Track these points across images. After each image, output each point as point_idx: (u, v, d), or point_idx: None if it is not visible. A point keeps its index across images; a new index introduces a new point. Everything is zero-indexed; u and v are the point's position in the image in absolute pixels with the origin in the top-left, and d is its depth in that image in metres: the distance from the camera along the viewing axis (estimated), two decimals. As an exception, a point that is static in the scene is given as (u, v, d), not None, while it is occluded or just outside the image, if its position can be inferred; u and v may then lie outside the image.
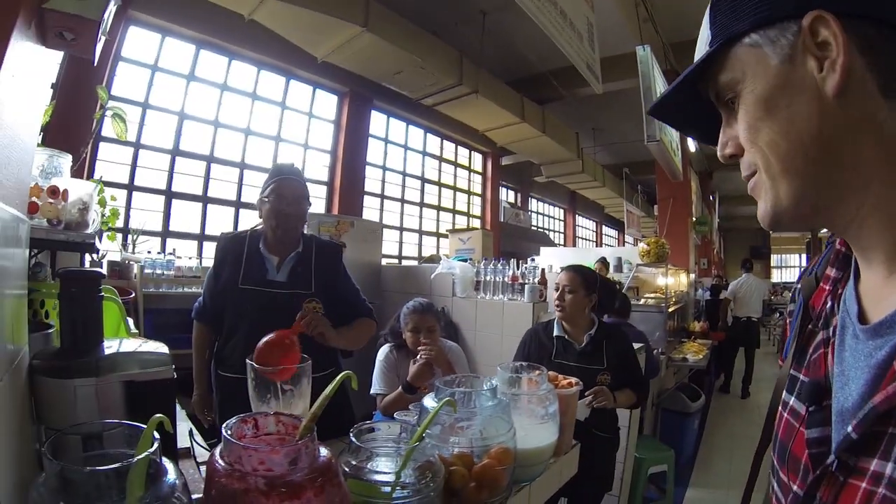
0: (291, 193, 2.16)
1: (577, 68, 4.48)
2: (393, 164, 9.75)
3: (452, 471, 1.18)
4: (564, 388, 1.98)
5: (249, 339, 1.89)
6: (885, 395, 0.46)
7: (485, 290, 3.33)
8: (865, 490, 0.47)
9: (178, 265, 4.03)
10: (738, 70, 0.58)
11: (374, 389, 2.67)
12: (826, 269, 0.68)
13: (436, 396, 1.42)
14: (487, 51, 7.34)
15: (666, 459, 3.53)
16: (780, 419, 0.67)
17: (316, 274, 2.21)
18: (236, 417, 0.77)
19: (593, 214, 19.64)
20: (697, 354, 5.25)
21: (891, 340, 0.49)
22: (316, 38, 6.08)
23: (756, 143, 0.57)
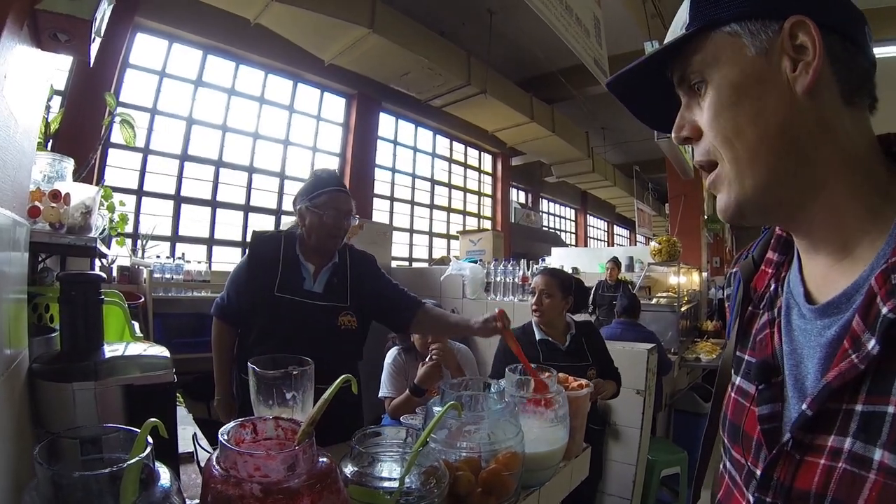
0: (345, 207, 2.12)
1: (585, 64, 4.46)
2: (402, 165, 9.77)
3: (458, 476, 1.16)
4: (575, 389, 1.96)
5: (281, 348, 1.88)
6: (838, 371, 0.50)
7: (495, 292, 3.33)
8: (825, 466, 0.50)
9: (187, 269, 4.06)
10: (711, 54, 0.60)
11: (383, 392, 2.67)
12: (766, 252, 0.73)
13: (442, 400, 1.40)
14: (495, 50, 7.34)
15: (679, 461, 3.49)
16: (728, 399, 0.70)
17: (351, 287, 2.16)
18: (235, 422, 0.76)
19: (604, 214, 19.58)
20: (710, 354, 5.20)
21: (839, 320, 0.54)
22: (322, 41, 6.11)
23: (721, 129, 0.59)
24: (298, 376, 1.17)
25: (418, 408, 2.11)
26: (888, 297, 0.47)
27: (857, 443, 0.48)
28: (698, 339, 6.21)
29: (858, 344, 0.49)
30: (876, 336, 0.47)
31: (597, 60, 4.60)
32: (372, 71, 6.95)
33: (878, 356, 0.47)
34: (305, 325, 2.00)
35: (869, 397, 0.48)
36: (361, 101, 8.34)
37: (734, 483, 0.66)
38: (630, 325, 4.09)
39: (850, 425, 0.49)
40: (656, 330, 4.49)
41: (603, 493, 2.73)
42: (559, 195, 16.00)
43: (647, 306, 5.36)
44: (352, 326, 2.09)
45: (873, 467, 0.46)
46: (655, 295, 6.54)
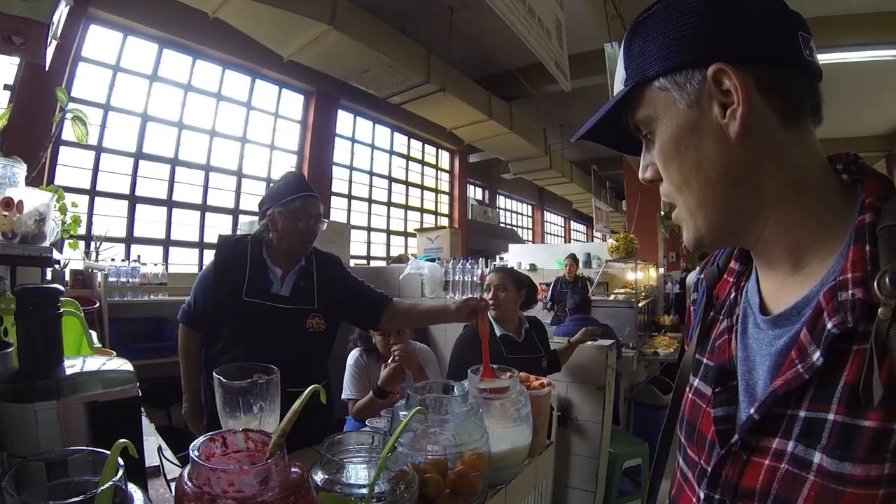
0: (315, 213, 2.12)
1: (546, 66, 4.49)
2: (360, 163, 9.71)
3: (427, 478, 1.17)
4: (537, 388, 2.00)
5: (249, 354, 1.88)
6: (784, 379, 0.53)
7: (453, 290, 3.33)
8: (769, 466, 0.54)
9: (143, 272, 3.93)
10: (650, 109, 0.63)
11: (346, 395, 2.66)
12: (729, 261, 0.76)
13: (406, 404, 1.41)
14: (455, 48, 7.33)
15: (640, 453, 3.57)
16: (686, 400, 0.74)
17: (318, 288, 2.16)
18: (204, 436, 0.75)
19: (561, 210, 19.81)
20: (668, 348, 5.32)
21: (789, 331, 0.57)
22: (282, 36, 6.00)
23: (671, 179, 0.64)
24: (264, 385, 1.16)
25: (383, 410, 2.11)
26: (834, 312, 0.51)
27: (799, 446, 0.51)
28: (656, 333, 6.34)
29: (805, 355, 0.52)
30: (821, 349, 0.51)
31: (558, 62, 4.64)
32: (331, 68, 6.87)
33: (821, 367, 0.51)
34: (274, 328, 1.99)
35: (812, 404, 0.51)
36: (320, 99, 8.25)
37: (686, 480, 0.69)
38: (583, 321, 4.14)
39: (793, 429, 0.52)
40: (614, 325, 4.55)
41: (567, 487, 2.78)
42: (516, 192, 16.13)
43: (605, 302, 5.47)
44: (320, 328, 2.09)
45: (813, 469, 0.49)
46: (613, 291, 6.65)
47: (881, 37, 6.97)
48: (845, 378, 0.49)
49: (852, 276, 0.51)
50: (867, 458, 0.46)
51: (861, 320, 0.49)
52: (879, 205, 0.55)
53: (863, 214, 0.55)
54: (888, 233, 0.51)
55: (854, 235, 0.54)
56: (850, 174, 0.63)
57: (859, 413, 0.47)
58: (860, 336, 0.49)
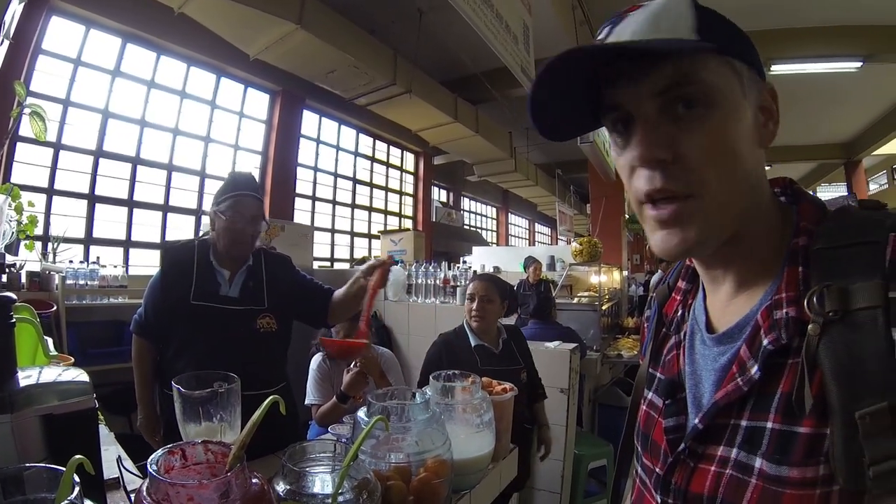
0: (250, 212, 2.07)
1: (512, 71, 4.52)
2: (324, 164, 9.62)
3: (390, 486, 1.18)
4: (499, 394, 2.01)
5: (202, 358, 1.89)
6: (725, 391, 0.57)
7: (417, 294, 3.32)
8: (715, 472, 0.57)
9: (102, 274, 3.82)
10: (721, 80, 0.58)
11: (309, 400, 2.64)
12: (678, 280, 0.79)
13: (368, 411, 1.41)
14: (422, 50, 7.30)
15: (605, 454, 3.62)
16: (641, 412, 0.77)
17: (267, 287, 2.13)
18: (162, 449, 0.75)
19: (526, 213, 19.94)
20: (632, 350, 5.35)
21: (732, 348, 0.61)
22: (248, 34, 5.90)
23: (719, 163, 0.57)
24: (224, 394, 1.16)
25: (346, 416, 2.11)
26: (770, 330, 0.55)
27: (741, 452, 0.55)
28: (619, 335, 6.39)
29: (744, 369, 0.56)
30: (758, 363, 0.55)
31: (524, 68, 4.68)
32: (298, 68, 6.78)
33: (759, 380, 0.55)
34: (225, 331, 1.98)
35: (752, 414, 0.55)
36: (285, 98, 8.15)
37: (644, 486, 0.72)
38: (545, 324, 4.20)
39: (736, 437, 0.56)
40: (578, 328, 4.60)
41: (533, 489, 2.81)
42: (481, 194, 16.21)
43: (569, 305, 5.52)
44: (271, 328, 2.08)
45: (755, 474, 0.53)
46: (577, 294, 6.69)
47: (840, 49, 7.32)
48: (781, 389, 0.53)
49: (786, 295, 0.55)
50: (803, 462, 0.50)
51: (794, 336, 0.53)
52: (812, 228, 0.58)
53: (797, 237, 0.59)
54: (819, 255, 0.55)
55: (789, 257, 0.58)
56: (786, 197, 0.67)
57: (794, 421, 0.51)
58: (794, 351, 0.53)
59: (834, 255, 0.54)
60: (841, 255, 0.54)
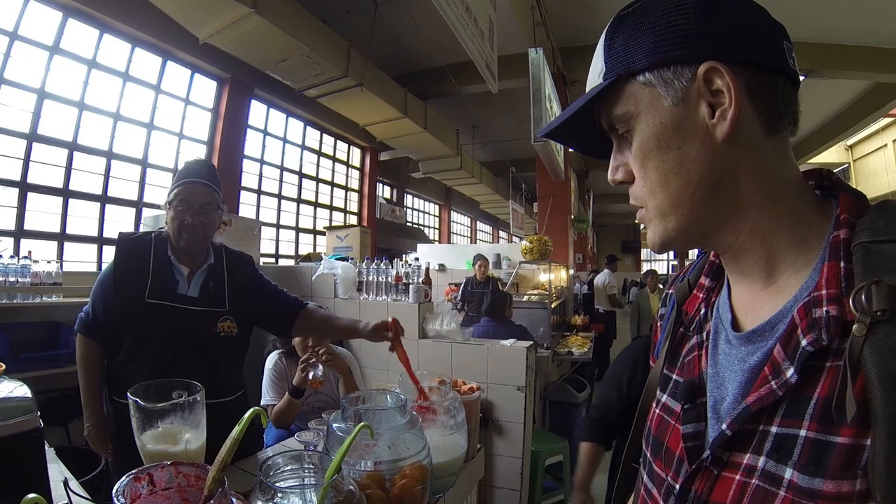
0: (197, 200, 1.93)
1: (477, 66, 4.49)
2: (271, 157, 9.39)
3: (370, 494, 1.12)
4: (467, 393, 1.98)
5: (156, 362, 1.78)
6: (758, 395, 0.53)
7: (368, 291, 3.23)
8: (739, 482, 0.54)
9: (35, 271, 3.55)
10: (631, 105, 0.61)
11: (265, 400, 2.56)
12: (699, 277, 0.75)
13: (343, 416, 1.34)
14: (376, 43, 7.23)
15: (561, 450, 3.66)
16: (653, 415, 0.73)
17: (229, 289, 2.01)
18: (127, 476, 0.65)
19: (468, 210, 20.19)
20: (582, 347, 5.47)
21: (762, 347, 0.57)
22: (200, 15, 5.64)
23: (647, 178, 0.61)
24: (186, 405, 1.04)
25: (313, 422, 2.00)
26: (808, 329, 0.51)
27: (770, 461, 0.51)
28: (568, 332, 6.49)
29: (778, 371, 0.52)
30: (795, 365, 0.51)
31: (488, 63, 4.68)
32: (248, 54, 6.56)
33: (795, 384, 0.51)
34: (181, 333, 1.85)
35: (784, 420, 0.51)
36: (234, 87, 7.87)
37: (650, 496, 0.68)
38: (498, 322, 4.23)
39: (764, 445, 0.52)
40: (528, 325, 4.66)
41: (493, 487, 2.79)
42: (424, 191, 16.29)
43: (519, 303, 5.53)
44: (232, 333, 1.96)
45: (784, 485, 0.49)
46: (526, 292, 6.77)
47: None
48: (818, 394, 0.49)
49: (827, 292, 0.51)
50: (839, 474, 0.46)
51: (836, 337, 0.49)
52: (854, 221, 0.55)
53: (838, 230, 0.55)
54: (863, 249, 0.51)
55: (829, 251, 0.54)
56: (822, 189, 0.63)
57: (831, 429, 0.47)
58: (834, 353, 0.50)
59: (880, 249, 0.51)
60: (888, 251, 0.50)
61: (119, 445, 1.88)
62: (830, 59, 7.90)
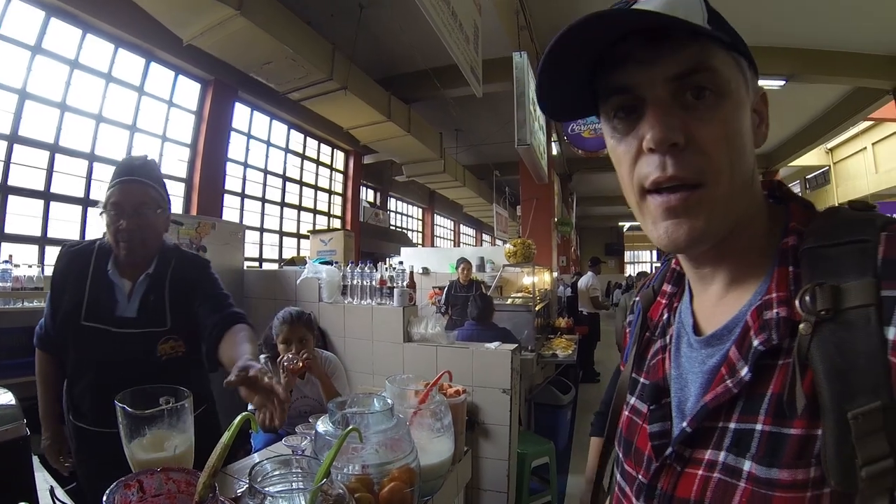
0: (131, 202, 1.69)
1: (462, 71, 4.51)
2: (254, 160, 9.34)
3: (359, 498, 1.13)
4: (453, 396, 1.99)
5: (97, 389, 1.66)
6: (714, 394, 0.56)
7: (352, 295, 3.23)
8: (702, 476, 0.56)
9: (15, 275, 3.48)
10: (730, 72, 0.58)
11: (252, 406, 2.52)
12: (662, 284, 0.78)
13: (330, 420, 1.35)
14: (360, 46, 7.22)
15: (547, 452, 3.68)
16: (623, 417, 0.76)
17: (172, 303, 1.76)
18: (118, 482, 0.65)
19: (451, 214, 20.23)
20: (566, 350, 5.47)
21: (720, 350, 0.60)
22: (184, 16, 5.59)
23: (732, 152, 0.56)
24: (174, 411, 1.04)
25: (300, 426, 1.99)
26: (760, 331, 0.54)
27: (730, 455, 0.54)
28: (552, 335, 6.48)
29: (734, 371, 0.55)
30: (748, 364, 0.54)
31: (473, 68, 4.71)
32: (233, 56, 6.52)
33: (749, 382, 0.54)
34: (118, 359, 1.66)
35: (741, 416, 0.54)
36: (217, 89, 7.81)
37: (623, 494, 0.71)
38: (482, 326, 4.24)
39: (724, 440, 0.55)
40: (512, 328, 4.66)
41: (480, 490, 2.79)
42: (408, 194, 16.30)
43: (502, 306, 5.53)
44: (178, 353, 1.74)
45: (743, 477, 0.52)
46: (510, 295, 6.77)
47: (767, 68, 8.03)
48: (771, 391, 0.53)
49: (777, 295, 0.55)
50: (793, 464, 0.49)
51: (785, 337, 0.53)
52: (802, 228, 0.59)
53: (787, 237, 0.59)
54: (809, 254, 0.55)
55: (779, 257, 0.58)
56: (775, 199, 0.67)
57: (784, 422, 0.51)
58: (784, 351, 0.53)
59: (825, 253, 0.54)
60: (832, 254, 0.53)
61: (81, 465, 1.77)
62: (811, 64, 8.09)
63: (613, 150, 0.63)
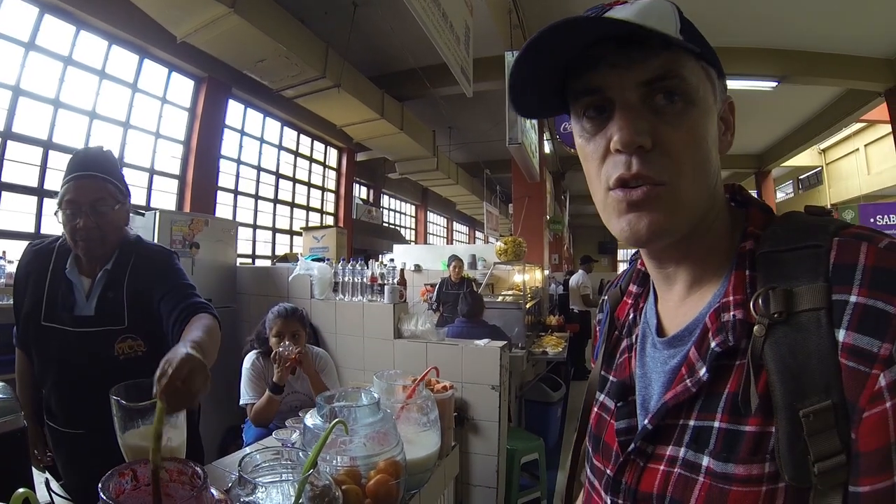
0: (87, 198, 1.62)
1: (452, 71, 4.52)
2: (248, 157, 9.31)
3: (346, 490, 1.16)
4: (440, 392, 2.02)
5: (63, 390, 1.63)
6: (674, 393, 0.59)
7: (343, 292, 3.25)
8: (664, 472, 0.59)
9: (10, 271, 3.48)
10: (699, 79, 0.60)
11: (244, 400, 2.56)
12: (629, 284, 0.80)
13: (318, 413, 1.38)
14: (353, 44, 7.21)
15: (536, 448, 3.70)
16: (593, 414, 0.79)
17: (129, 298, 1.68)
18: (112, 471, 0.68)
19: (444, 211, 20.17)
20: (557, 347, 5.49)
21: (682, 350, 0.62)
22: (177, 14, 5.56)
23: (693, 156, 0.58)
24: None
25: (290, 420, 2.02)
26: (717, 332, 0.56)
27: (689, 451, 0.57)
28: (543, 332, 6.50)
29: (693, 371, 0.58)
30: (706, 365, 0.56)
31: (463, 68, 4.71)
32: (226, 54, 6.49)
33: (707, 381, 0.56)
34: (79, 358, 1.63)
35: (700, 414, 0.57)
36: (211, 86, 7.77)
37: (593, 488, 0.73)
38: (472, 323, 4.26)
39: (684, 437, 0.58)
40: (503, 325, 4.68)
41: (469, 485, 2.82)
42: (400, 191, 16.28)
43: (493, 304, 5.54)
44: (137, 353, 1.67)
45: (702, 472, 0.55)
46: (501, 292, 6.78)
47: (759, 69, 8.14)
48: (728, 390, 0.55)
49: (733, 298, 0.57)
50: (748, 459, 0.51)
51: (741, 338, 0.55)
52: (759, 232, 0.61)
53: (745, 241, 0.61)
54: (765, 258, 0.57)
55: (736, 261, 0.60)
56: (735, 202, 0.69)
57: (740, 420, 0.53)
58: (741, 352, 0.55)
59: (779, 258, 0.56)
60: (786, 259, 0.56)
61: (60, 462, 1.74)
62: (803, 65, 8.09)
63: (582, 148, 0.64)
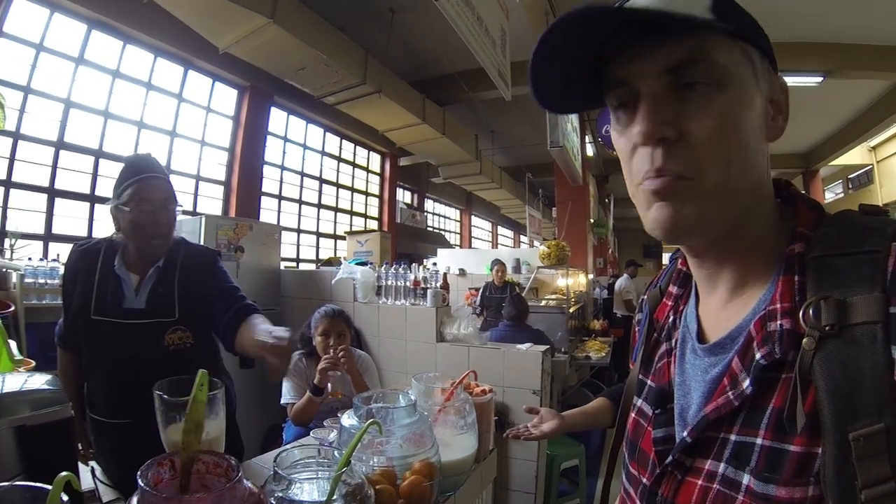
0: (160, 196, 1.74)
1: (489, 75, 4.51)
2: (291, 163, 9.52)
3: (380, 490, 1.16)
4: (479, 395, 2.01)
5: (111, 382, 1.69)
6: (715, 405, 0.55)
7: (386, 295, 3.27)
8: (702, 486, 0.56)
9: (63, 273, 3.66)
10: (734, 63, 0.55)
11: (285, 399, 2.60)
12: (669, 285, 0.75)
13: (355, 414, 1.39)
14: (392, 50, 7.27)
15: (577, 454, 3.64)
16: (630, 419, 0.75)
17: (180, 295, 1.78)
18: (151, 461, 0.70)
19: (489, 215, 20.09)
20: (600, 352, 5.42)
21: (723, 359, 0.58)
22: (219, 26, 5.74)
23: (724, 148, 0.53)
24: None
25: (328, 420, 2.05)
26: (763, 343, 0.52)
27: (729, 468, 0.53)
28: (586, 337, 6.42)
29: (736, 383, 0.54)
30: (750, 377, 0.52)
31: (500, 72, 4.70)
32: (267, 63, 6.65)
33: (751, 395, 0.52)
34: (130, 350, 1.69)
35: (742, 429, 0.53)
36: (254, 95, 8.01)
37: (628, 495, 0.70)
38: (516, 326, 4.22)
39: (724, 452, 0.54)
40: (546, 330, 4.62)
41: (508, 490, 2.80)
42: (445, 196, 16.28)
43: (536, 308, 5.49)
44: (186, 344, 1.75)
45: (742, 490, 0.51)
46: (544, 297, 6.72)
47: (804, 64, 7.78)
48: (773, 405, 0.51)
49: (781, 306, 0.52)
50: (791, 481, 0.48)
51: (788, 350, 0.50)
52: (809, 234, 0.55)
53: (794, 243, 0.55)
54: (816, 263, 0.52)
55: (784, 265, 0.55)
56: (782, 199, 0.63)
57: (785, 438, 0.49)
58: (788, 365, 0.51)
59: (832, 263, 0.52)
60: (839, 265, 0.51)
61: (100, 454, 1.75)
62: (849, 59, 7.74)
63: (616, 142, 0.61)
